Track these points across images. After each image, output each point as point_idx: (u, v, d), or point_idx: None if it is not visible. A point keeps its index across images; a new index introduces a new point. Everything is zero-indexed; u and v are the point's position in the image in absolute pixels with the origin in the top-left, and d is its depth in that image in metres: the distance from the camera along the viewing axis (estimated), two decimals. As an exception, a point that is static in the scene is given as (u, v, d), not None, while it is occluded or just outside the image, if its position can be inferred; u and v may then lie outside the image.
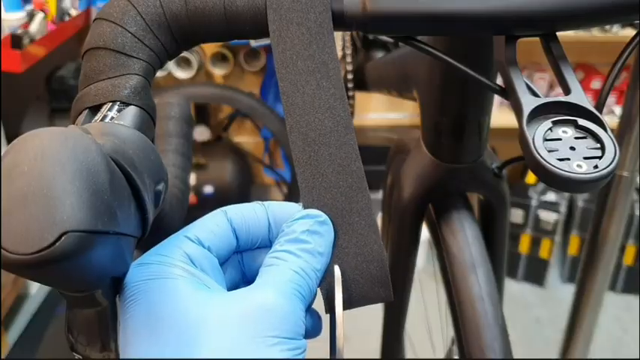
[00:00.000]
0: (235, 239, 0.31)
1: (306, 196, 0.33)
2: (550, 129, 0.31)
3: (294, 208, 0.32)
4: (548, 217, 2.01)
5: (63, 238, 0.21)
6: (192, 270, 0.28)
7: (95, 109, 0.31)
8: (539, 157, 0.29)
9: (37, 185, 0.22)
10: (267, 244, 0.32)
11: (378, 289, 0.33)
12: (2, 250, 0.21)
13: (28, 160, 0.22)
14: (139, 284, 0.27)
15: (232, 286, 0.32)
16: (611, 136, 0.30)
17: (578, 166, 0.29)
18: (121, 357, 0.27)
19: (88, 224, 0.22)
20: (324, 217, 0.32)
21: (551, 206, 2.02)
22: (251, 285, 0.28)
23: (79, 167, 0.23)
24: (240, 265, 0.33)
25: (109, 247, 0.24)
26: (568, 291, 1.27)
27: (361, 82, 0.99)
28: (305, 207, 0.33)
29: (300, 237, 0.30)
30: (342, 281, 0.32)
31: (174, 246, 0.29)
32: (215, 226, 0.31)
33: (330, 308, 0.32)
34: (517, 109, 0.33)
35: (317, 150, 0.33)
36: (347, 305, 0.32)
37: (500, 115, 2.11)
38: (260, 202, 0.33)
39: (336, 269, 0.32)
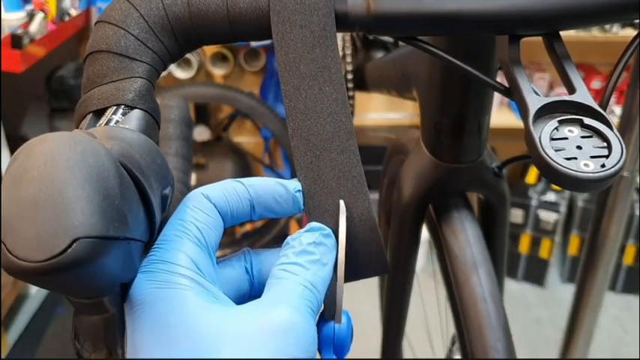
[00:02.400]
0: (223, 223, 0.31)
1: (307, 201, 0.33)
2: (556, 128, 0.31)
3: (272, 182, 0.32)
4: (548, 217, 2.01)
5: (75, 244, 0.21)
6: (200, 279, 0.28)
7: (99, 113, 0.31)
8: (546, 156, 0.29)
9: (47, 191, 0.21)
10: (248, 219, 0.32)
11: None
12: (13, 258, 0.21)
13: (37, 165, 0.22)
14: (146, 293, 0.26)
15: (237, 287, 0.32)
16: (617, 134, 0.30)
17: (586, 165, 0.29)
18: None
19: (99, 230, 0.22)
20: (327, 230, 0.32)
21: (551, 206, 2.02)
22: (261, 299, 0.28)
23: (89, 172, 0.22)
24: (248, 270, 0.33)
25: (119, 252, 0.23)
26: (568, 291, 1.27)
27: (361, 82, 0.99)
28: (307, 212, 0.33)
29: (307, 249, 0.30)
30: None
31: (178, 251, 0.28)
32: (208, 217, 0.30)
33: (330, 315, 0.32)
34: (523, 108, 0.33)
35: (318, 155, 0.33)
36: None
37: (500, 115, 2.11)
38: (239, 179, 0.32)
39: (342, 203, 0.33)
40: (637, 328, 1.85)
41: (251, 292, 0.32)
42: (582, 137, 0.31)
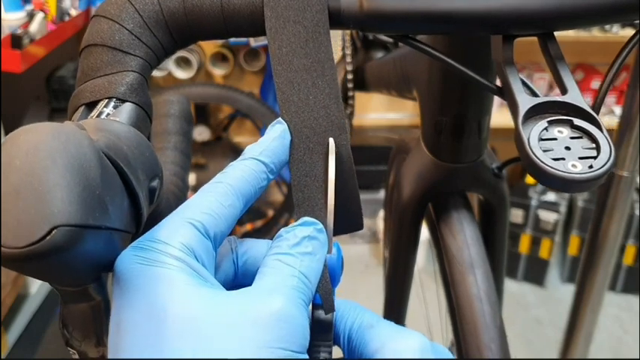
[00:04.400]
0: (239, 211, 0.31)
1: (297, 194, 0.33)
2: (546, 129, 0.31)
3: (271, 137, 0.32)
4: (548, 217, 2.01)
5: (53, 232, 0.21)
6: (192, 262, 0.27)
7: (91, 106, 0.31)
8: (534, 156, 0.29)
9: (28, 180, 0.22)
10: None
11: None
12: None
13: (20, 154, 0.23)
14: (132, 269, 0.26)
15: (225, 277, 0.32)
16: (607, 136, 0.30)
17: (573, 166, 0.29)
18: (112, 345, 0.25)
19: (78, 219, 0.22)
20: (320, 225, 0.32)
21: (551, 206, 2.02)
22: (254, 287, 0.28)
23: (70, 162, 0.23)
24: (234, 261, 0.32)
25: (100, 241, 0.24)
26: (568, 291, 1.27)
27: (361, 82, 0.99)
28: (297, 205, 0.33)
29: (301, 242, 0.30)
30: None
31: (175, 232, 0.27)
32: (221, 207, 0.30)
33: (330, 308, 0.31)
34: (513, 108, 0.33)
35: (311, 149, 0.33)
36: None
37: (500, 115, 2.10)
38: (251, 156, 0.32)
39: (331, 141, 0.33)
40: (637, 328, 1.85)
41: (234, 281, 0.32)
42: (571, 138, 0.31)
